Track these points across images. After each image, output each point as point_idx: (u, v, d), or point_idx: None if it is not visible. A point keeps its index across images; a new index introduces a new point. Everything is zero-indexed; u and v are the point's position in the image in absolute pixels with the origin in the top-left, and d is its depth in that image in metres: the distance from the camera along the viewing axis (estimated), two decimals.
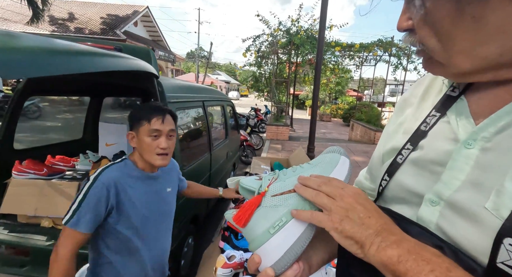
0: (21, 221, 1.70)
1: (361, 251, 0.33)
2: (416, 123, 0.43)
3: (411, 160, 0.40)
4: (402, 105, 0.51)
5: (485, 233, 0.29)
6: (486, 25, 0.29)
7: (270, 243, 0.37)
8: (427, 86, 0.46)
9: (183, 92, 2.05)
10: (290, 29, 7.00)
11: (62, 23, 14.30)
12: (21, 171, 1.64)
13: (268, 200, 0.40)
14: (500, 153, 0.31)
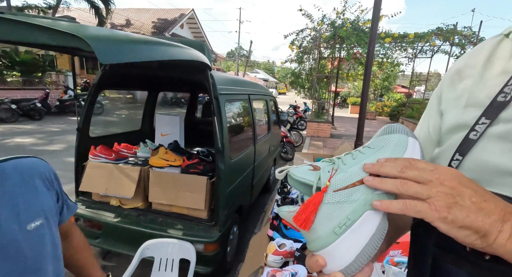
0: (95, 199, 1.96)
1: (482, 241, 0.28)
2: (489, 95, 0.37)
3: (495, 134, 0.35)
4: (454, 78, 0.45)
5: None
6: None
7: (336, 245, 0.33)
8: (489, 54, 0.41)
9: (231, 85, 2.12)
10: (335, 22, 6.71)
11: (120, 29, 15.96)
12: (95, 155, 1.88)
13: (331, 196, 0.34)
14: None
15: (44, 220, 0.59)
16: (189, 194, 1.79)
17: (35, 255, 0.56)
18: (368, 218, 0.33)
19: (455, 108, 0.42)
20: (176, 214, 1.86)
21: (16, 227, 0.53)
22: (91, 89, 1.92)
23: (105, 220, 1.84)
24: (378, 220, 0.34)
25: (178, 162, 1.88)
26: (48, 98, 8.27)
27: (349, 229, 0.33)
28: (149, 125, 2.82)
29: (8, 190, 0.53)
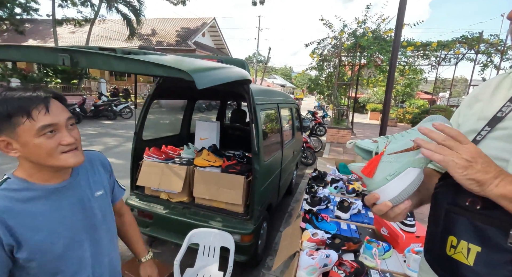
0: (147, 193, 2.28)
1: (480, 189, 0.45)
2: (491, 112, 0.58)
3: (493, 137, 0.56)
4: (472, 101, 0.66)
5: None
6: None
7: (388, 186, 0.53)
8: (495, 87, 0.62)
9: (264, 96, 2.38)
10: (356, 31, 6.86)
11: (147, 38, 16.95)
12: (149, 155, 2.21)
13: (385, 157, 0.53)
14: None
15: (103, 191, 0.83)
16: (228, 190, 2.05)
17: (101, 214, 0.80)
18: (409, 172, 0.52)
19: (470, 121, 0.64)
20: (216, 208, 2.12)
21: (89, 192, 0.79)
22: (147, 99, 2.26)
23: (155, 211, 2.14)
24: (416, 173, 0.53)
25: (218, 162, 2.16)
26: (85, 103, 9.03)
27: (396, 177, 0.52)
28: (186, 129, 3.15)
29: (83, 170, 0.81)
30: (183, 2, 14.99)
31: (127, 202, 2.22)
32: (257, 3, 13.91)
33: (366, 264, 1.23)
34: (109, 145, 6.11)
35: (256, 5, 13.97)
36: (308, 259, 1.14)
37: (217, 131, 2.61)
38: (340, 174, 2.59)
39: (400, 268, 1.26)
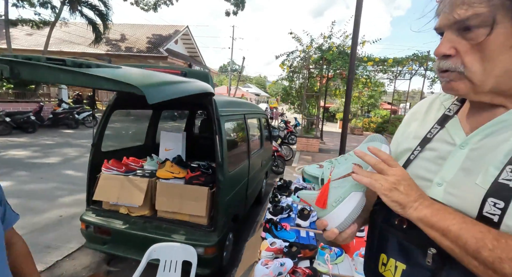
0: (105, 208, 2.16)
1: (402, 211, 0.48)
2: (423, 132, 0.60)
3: (421, 157, 0.58)
4: (410, 119, 0.69)
5: (476, 197, 0.46)
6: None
7: (334, 212, 0.54)
8: (428, 107, 0.66)
9: (230, 107, 2.42)
10: (322, 45, 7.29)
11: (115, 44, 16.28)
12: (108, 167, 2.11)
13: (332, 184, 0.55)
14: (485, 151, 0.48)
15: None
16: (191, 202, 2.03)
17: None
18: (352, 196, 0.54)
19: (408, 139, 0.65)
20: (179, 221, 2.08)
21: None
22: (106, 109, 2.18)
23: (114, 226, 2.03)
24: (359, 197, 0.55)
25: (182, 174, 2.13)
26: (42, 111, 8.34)
27: (341, 203, 0.54)
28: (152, 140, 3.06)
29: None
30: (154, 9, 14.76)
31: (82, 218, 2.08)
32: (230, 13, 14.17)
33: (319, 270, 1.29)
34: (68, 156, 5.68)
35: (229, 15, 14.22)
36: (262, 268, 1.17)
37: (182, 142, 2.58)
38: (304, 183, 2.69)
39: (350, 272, 1.34)
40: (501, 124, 0.49)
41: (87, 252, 2.42)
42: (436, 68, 0.52)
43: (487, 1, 0.42)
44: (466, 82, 0.48)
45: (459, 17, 0.45)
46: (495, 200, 0.44)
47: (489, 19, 0.43)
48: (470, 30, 0.45)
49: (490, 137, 0.49)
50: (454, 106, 0.59)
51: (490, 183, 0.45)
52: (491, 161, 0.47)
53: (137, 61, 15.32)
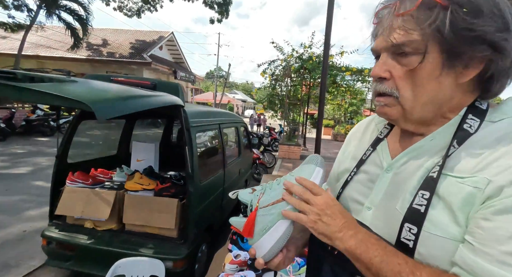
0: (69, 222, 2.07)
1: (330, 242, 0.48)
2: (360, 153, 0.61)
3: (356, 179, 0.59)
4: (350, 138, 0.71)
5: (396, 222, 0.46)
6: (442, 90, 0.46)
7: (260, 242, 0.53)
8: (365, 127, 0.68)
9: (202, 117, 2.43)
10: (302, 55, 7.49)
11: (96, 49, 15.88)
12: (73, 180, 2.04)
13: (260, 211, 0.53)
14: (405, 176, 0.49)
15: None
16: (160, 214, 1.99)
17: None
18: (279, 225, 0.52)
19: (347, 159, 0.65)
20: (148, 234, 2.03)
21: None
22: (73, 120, 2.12)
23: (78, 242, 1.95)
24: (285, 226, 0.52)
25: (152, 185, 2.09)
26: (14, 118, 7.94)
27: (268, 231, 0.52)
28: (125, 150, 2.99)
29: None
30: (138, 15, 14.61)
31: (44, 233, 1.99)
32: (214, 21, 14.26)
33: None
34: (39, 166, 5.41)
35: (214, 23, 14.31)
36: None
37: (155, 153, 2.54)
38: None
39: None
40: (418, 150, 0.50)
41: (49, 269, 2.30)
42: (372, 91, 0.53)
43: (420, 29, 0.43)
44: (399, 109, 0.49)
45: (395, 41, 0.46)
46: (410, 225, 0.44)
47: (422, 47, 0.44)
48: (405, 56, 0.46)
49: (409, 163, 0.50)
50: (385, 129, 0.61)
51: (406, 208, 0.45)
52: (408, 186, 0.48)
53: (119, 66, 15.01)
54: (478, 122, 0.46)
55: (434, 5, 0.42)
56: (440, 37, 0.42)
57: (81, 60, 14.30)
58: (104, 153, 2.91)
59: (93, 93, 1.03)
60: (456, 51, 0.43)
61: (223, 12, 13.59)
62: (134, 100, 1.18)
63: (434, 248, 0.42)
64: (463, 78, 0.45)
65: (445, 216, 0.42)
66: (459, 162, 0.44)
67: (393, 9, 0.46)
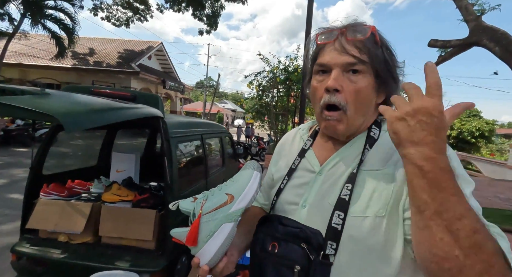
0: (42, 236, 2.01)
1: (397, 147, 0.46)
2: (289, 163, 0.70)
3: (290, 185, 0.67)
4: (280, 149, 0.79)
5: (327, 213, 0.55)
6: (370, 108, 0.59)
7: (205, 248, 0.53)
8: (292, 139, 0.77)
9: (183, 128, 2.45)
10: (288, 67, 7.70)
11: (83, 58, 15.69)
12: (47, 192, 1.99)
13: (203, 218, 0.54)
14: (334, 177, 0.59)
15: None
16: (138, 226, 1.97)
17: None
18: (223, 228, 0.53)
19: (281, 168, 0.73)
20: (125, 246, 1.99)
21: None
22: (50, 131, 2.10)
23: (51, 256, 1.89)
24: (229, 228, 0.54)
25: (130, 197, 2.08)
26: None
27: (212, 236, 0.53)
28: (105, 161, 2.95)
29: None
30: (127, 24, 14.64)
31: (14, 248, 1.92)
32: (203, 32, 14.48)
33: None
34: (16, 178, 5.20)
35: (203, 34, 14.53)
36: None
37: (135, 163, 2.53)
38: None
39: None
40: (341, 155, 0.62)
41: None
42: (321, 104, 0.58)
43: (368, 54, 0.55)
44: (345, 123, 0.58)
45: (348, 59, 0.55)
46: (338, 212, 0.54)
47: (368, 69, 0.56)
48: (354, 74, 0.56)
49: (337, 165, 0.61)
50: (308, 141, 0.71)
51: (336, 200, 0.55)
52: (338, 184, 0.58)
53: (106, 76, 14.86)
54: (378, 130, 0.61)
55: (376, 41, 0.56)
56: (378, 63, 0.56)
57: (66, 69, 14.07)
58: (84, 163, 2.86)
59: (63, 106, 1.05)
60: (382, 78, 0.57)
61: (212, 24, 13.85)
62: (108, 112, 1.20)
63: (357, 228, 0.52)
64: (380, 99, 0.61)
65: (364, 201, 0.53)
66: (373, 160, 0.57)
67: (342, 34, 0.57)
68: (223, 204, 0.55)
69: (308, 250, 0.52)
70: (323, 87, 0.58)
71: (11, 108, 0.94)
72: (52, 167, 2.30)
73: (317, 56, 0.62)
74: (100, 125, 1.10)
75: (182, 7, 13.02)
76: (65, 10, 10.17)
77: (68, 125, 0.94)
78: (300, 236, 0.55)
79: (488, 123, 19.30)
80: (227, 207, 0.55)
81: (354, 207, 0.53)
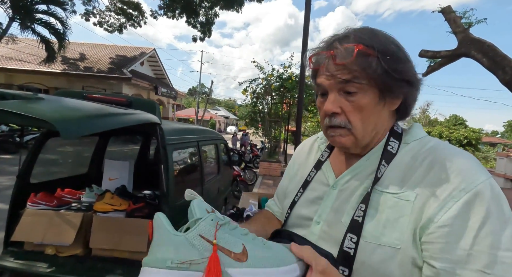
0: (27, 249, 1.89)
1: None
2: (305, 174, 0.67)
3: (304, 198, 0.64)
4: (296, 157, 0.77)
5: (340, 234, 0.51)
6: (380, 118, 0.55)
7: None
8: (309, 148, 0.75)
9: (180, 135, 2.40)
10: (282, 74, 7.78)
11: (73, 63, 15.41)
12: (35, 202, 1.89)
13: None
14: (349, 192, 0.56)
15: None
16: (132, 237, 1.88)
17: None
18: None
19: (295, 178, 0.71)
20: (117, 259, 1.89)
21: None
22: (40, 137, 2.01)
23: (37, 270, 1.77)
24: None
25: (124, 206, 1.99)
26: None
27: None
28: (97, 169, 2.85)
29: None
30: (120, 30, 14.55)
31: None
32: (197, 39, 14.54)
33: None
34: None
35: (197, 41, 14.58)
36: None
37: (129, 171, 2.44)
38: (257, 210, 2.68)
39: None
40: (357, 169, 0.58)
41: None
42: (325, 124, 0.57)
43: (360, 72, 0.52)
44: (352, 138, 0.55)
45: (339, 84, 0.54)
46: (351, 234, 0.50)
47: (363, 86, 0.52)
48: (350, 94, 0.53)
49: (351, 181, 0.57)
50: (325, 152, 0.68)
51: (349, 220, 0.52)
52: (352, 201, 0.54)
53: (97, 81, 14.62)
54: (397, 143, 0.56)
55: (367, 55, 0.51)
56: (377, 77, 0.52)
57: (55, 74, 13.77)
58: (73, 171, 2.74)
59: (58, 112, 0.99)
60: (388, 87, 0.53)
61: (206, 31, 13.93)
62: (105, 118, 1.15)
63: (370, 255, 0.48)
64: (392, 107, 0.57)
65: (379, 226, 0.49)
66: (390, 180, 0.52)
67: (330, 58, 0.54)
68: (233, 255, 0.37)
69: None
70: (324, 109, 0.57)
71: (3, 113, 0.88)
72: (40, 175, 2.19)
73: (316, 75, 0.60)
74: (98, 131, 1.05)
75: (176, 13, 13.07)
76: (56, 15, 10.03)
77: (64, 132, 0.89)
78: None
79: (474, 132, 19.98)
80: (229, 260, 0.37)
81: (368, 231, 0.49)
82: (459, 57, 4.02)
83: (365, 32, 0.54)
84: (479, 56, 3.58)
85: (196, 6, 12.44)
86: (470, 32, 3.83)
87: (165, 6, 12.75)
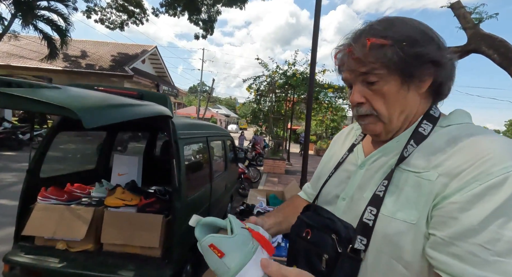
0: (38, 244, 1.86)
1: None
2: (339, 156, 0.73)
3: (334, 178, 0.70)
4: (333, 144, 0.84)
5: (362, 207, 0.55)
6: (408, 102, 0.56)
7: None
8: (347, 134, 0.81)
9: (190, 130, 2.37)
10: (286, 71, 7.72)
11: (74, 60, 15.35)
12: (45, 196, 1.86)
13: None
14: (374, 171, 0.59)
15: None
16: (143, 232, 1.85)
17: None
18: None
19: (330, 161, 0.78)
20: (128, 254, 1.87)
21: None
22: (49, 131, 1.98)
23: (47, 266, 1.75)
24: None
25: (135, 201, 1.96)
26: None
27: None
28: (105, 164, 2.82)
29: None
30: (121, 28, 14.49)
31: (7, 257, 1.76)
32: (199, 37, 14.47)
33: None
34: (3, 183, 4.95)
35: (199, 38, 14.52)
36: None
37: (138, 166, 2.41)
38: (266, 207, 2.66)
39: None
40: (386, 150, 0.61)
41: None
42: (354, 114, 0.62)
43: (381, 62, 0.54)
44: (381, 124, 0.59)
45: (359, 77, 0.57)
46: (371, 207, 0.53)
47: (383, 75, 0.54)
48: (372, 84, 0.56)
49: (379, 160, 0.60)
50: (359, 137, 0.73)
51: (371, 195, 0.55)
52: (376, 178, 0.58)
53: (98, 79, 14.57)
54: (431, 126, 0.56)
55: (381, 45, 0.53)
56: (394, 65, 0.53)
57: (57, 71, 13.72)
58: (81, 166, 2.72)
59: (78, 100, 0.96)
60: (409, 72, 0.53)
61: (208, 28, 13.86)
62: (122, 108, 1.12)
63: (386, 227, 0.50)
64: (421, 89, 0.56)
65: (397, 202, 0.51)
66: (415, 159, 0.53)
67: (349, 54, 0.57)
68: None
69: (337, 242, 0.54)
70: (350, 100, 0.62)
71: (22, 100, 0.84)
72: (48, 170, 2.16)
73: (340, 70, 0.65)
74: (117, 121, 1.01)
75: (178, 11, 13.00)
76: (58, 11, 9.97)
77: (87, 120, 0.86)
78: (331, 227, 0.57)
79: None
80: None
81: (386, 206, 0.52)
82: (469, 53, 3.96)
83: (382, 23, 0.56)
84: (490, 52, 3.52)
85: (198, 3, 12.36)
86: (480, 28, 3.77)
87: (167, 4, 12.67)
